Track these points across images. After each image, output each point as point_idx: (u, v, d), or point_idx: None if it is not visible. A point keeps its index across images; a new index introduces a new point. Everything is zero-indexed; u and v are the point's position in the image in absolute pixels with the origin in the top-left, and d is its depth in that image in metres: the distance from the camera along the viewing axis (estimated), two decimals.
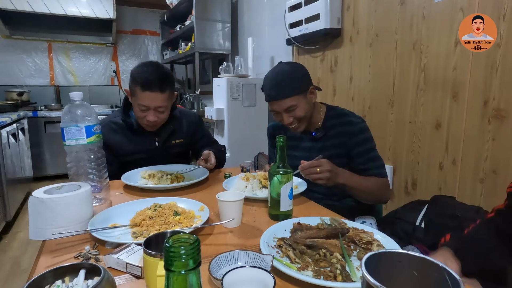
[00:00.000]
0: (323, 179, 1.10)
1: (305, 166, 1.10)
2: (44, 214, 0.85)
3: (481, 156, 1.50)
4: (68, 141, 1.05)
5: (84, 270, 0.58)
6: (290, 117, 1.28)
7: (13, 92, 4.17)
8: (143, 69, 1.39)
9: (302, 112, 1.27)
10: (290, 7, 2.53)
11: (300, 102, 1.26)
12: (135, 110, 1.45)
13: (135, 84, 1.38)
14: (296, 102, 1.25)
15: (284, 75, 1.25)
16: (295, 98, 1.25)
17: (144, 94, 1.36)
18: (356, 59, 2.17)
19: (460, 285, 0.38)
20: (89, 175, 1.10)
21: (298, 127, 1.32)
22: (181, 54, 4.10)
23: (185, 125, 1.64)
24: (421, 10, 1.71)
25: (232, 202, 0.93)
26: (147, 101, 1.37)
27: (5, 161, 2.73)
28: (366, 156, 1.29)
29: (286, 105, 1.25)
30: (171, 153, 1.59)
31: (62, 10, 4.17)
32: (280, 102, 1.26)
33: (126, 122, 1.51)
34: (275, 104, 1.28)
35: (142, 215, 0.93)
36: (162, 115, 1.44)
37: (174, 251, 0.34)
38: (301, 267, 0.70)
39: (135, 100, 1.41)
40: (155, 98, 1.38)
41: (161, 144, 1.56)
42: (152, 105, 1.38)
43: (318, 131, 1.35)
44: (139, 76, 1.37)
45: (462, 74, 1.55)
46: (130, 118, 1.54)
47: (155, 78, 1.36)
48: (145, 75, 1.36)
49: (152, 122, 1.42)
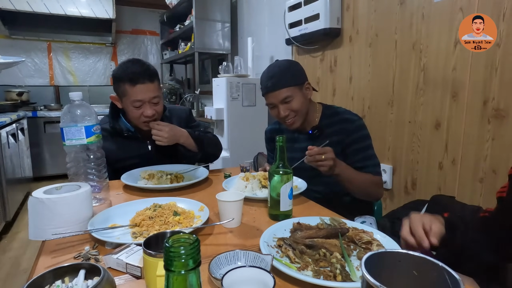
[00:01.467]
0: (326, 166, 1.13)
1: (312, 152, 1.12)
2: (44, 214, 0.85)
3: (481, 156, 1.50)
4: (67, 141, 1.05)
5: (84, 270, 0.58)
6: (286, 109, 1.30)
7: (13, 92, 4.17)
8: (126, 66, 1.38)
9: (298, 104, 1.30)
10: (289, 7, 2.53)
11: (296, 95, 1.30)
12: (130, 111, 1.41)
13: (122, 83, 1.36)
14: (292, 93, 1.29)
15: (281, 68, 1.31)
16: (291, 89, 1.29)
17: (135, 89, 1.34)
18: (356, 59, 2.17)
19: (460, 284, 0.38)
20: (89, 175, 1.10)
21: (294, 122, 1.33)
22: (180, 54, 4.10)
23: (175, 122, 1.58)
24: (420, 10, 1.71)
25: (232, 202, 0.93)
26: (140, 95, 1.35)
27: (5, 161, 2.73)
28: (363, 154, 1.31)
29: (282, 96, 1.28)
30: (165, 154, 1.55)
31: (61, 10, 4.17)
32: (276, 93, 1.29)
33: (115, 129, 1.48)
34: (271, 96, 1.30)
35: (141, 215, 0.93)
36: (157, 107, 1.43)
37: (174, 251, 0.34)
38: (301, 267, 0.70)
39: (128, 99, 1.38)
40: (147, 89, 1.36)
41: (154, 147, 1.52)
42: (147, 97, 1.37)
43: (315, 129, 1.36)
44: (124, 74, 1.36)
45: (462, 74, 1.55)
46: (119, 123, 1.50)
47: (141, 70, 1.35)
48: (130, 70, 1.35)
49: (151, 116, 1.40)
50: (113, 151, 1.45)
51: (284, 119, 1.33)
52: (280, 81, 1.28)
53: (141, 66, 1.37)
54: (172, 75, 5.18)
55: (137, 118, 1.42)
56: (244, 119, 2.98)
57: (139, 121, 1.43)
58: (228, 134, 2.95)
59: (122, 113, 1.52)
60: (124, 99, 1.40)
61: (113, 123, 1.48)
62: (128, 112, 1.44)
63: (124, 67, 1.38)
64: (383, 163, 1.98)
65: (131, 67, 1.37)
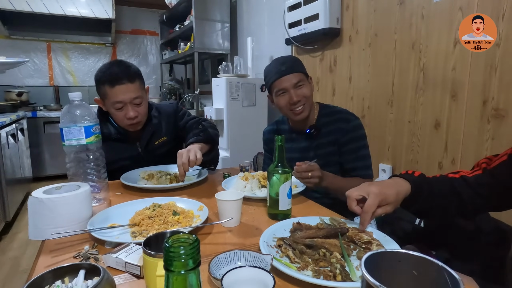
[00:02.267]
0: (311, 183, 1.17)
1: (300, 169, 1.15)
2: (44, 214, 0.85)
3: (480, 156, 1.50)
4: (67, 141, 1.05)
5: (84, 270, 0.58)
6: (298, 95, 1.32)
7: (12, 92, 4.17)
8: (105, 67, 1.36)
9: (308, 91, 1.34)
10: (289, 7, 2.53)
11: (306, 83, 1.35)
12: (113, 113, 1.39)
13: (102, 85, 1.34)
14: (303, 79, 1.34)
15: (290, 57, 1.39)
16: (303, 75, 1.34)
17: (115, 90, 1.32)
18: (355, 59, 2.17)
19: (459, 284, 0.38)
20: (88, 175, 1.10)
21: (303, 110, 1.34)
22: (180, 54, 4.10)
23: (164, 121, 1.57)
24: (420, 10, 1.71)
25: (231, 201, 0.93)
26: (120, 96, 1.33)
27: (5, 162, 2.73)
28: (355, 155, 1.32)
29: (296, 79, 1.32)
30: (157, 154, 1.53)
31: (61, 10, 4.17)
32: (290, 76, 1.31)
33: (103, 133, 1.44)
34: (285, 80, 1.32)
35: (141, 215, 0.93)
36: (140, 108, 1.39)
37: (173, 251, 0.34)
38: (301, 266, 0.70)
39: (109, 101, 1.36)
40: (127, 90, 1.33)
41: (143, 148, 1.51)
42: (127, 98, 1.34)
43: (312, 128, 1.37)
44: (103, 75, 1.34)
45: (461, 74, 1.55)
46: (108, 127, 1.47)
47: (120, 71, 1.33)
48: (108, 71, 1.34)
49: (133, 118, 1.37)
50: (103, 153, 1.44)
51: (295, 105, 1.33)
52: (294, 66, 1.33)
53: (120, 67, 1.35)
54: (171, 75, 5.18)
55: (121, 120, 1.40)
56: (243, 119, 2.98)
57: (123, 123, 1.41)
58: (228, 134, 2.95)
59: (110, 115, 1.49)
60: (106, 101, 1.38)
61: (101, 127, 1.46)
62: (112, 114, 1.42)
63: (104, 69, 1.36)
64: (382, 162, 1.98)
65: (110, 68, 1.35)
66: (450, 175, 0.90)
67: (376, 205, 0.81)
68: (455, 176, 0.89)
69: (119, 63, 1.39)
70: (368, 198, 0.81)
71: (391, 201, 0.82)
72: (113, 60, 1.45)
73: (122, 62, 1.40)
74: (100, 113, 1.47)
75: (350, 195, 0.84)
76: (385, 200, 0.81)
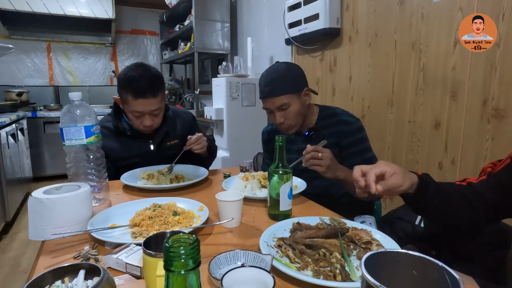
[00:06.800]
0: (323, 166, 1.10)
1: (309, 149, 1.10)
2: (44, 215, 0.85)
3: (480, 156, 1.50)
4: (67, 141, 1.05)
5: (84, 270, 0.58)
6: (282, 116, 1.29)
7: (12, 92, 4.17)
8: (133, 76, 1.33)
9: (294, 112, 1.28)
10: (289, 7, 2.53)
11: (293, 102, 1.27)
12: (129, 117, 1.43)
13: (125, 92, 1.34)
14: (289, 101, 1.26)
15: (279, 74, 1.27)
16: (289, 96, 1.26)
17: (137, 102, 1.34)
18: (355, 58, 2.17)
19: (459, 284, 0.38)
20: (89, 175, 1.10)
21: (289, 128, 1.33)
22: (180, 54, 4.10)
23: (179, 125, 1.61)
24: (420, 10, 1.71)
25: (231, 202, 0.93)
26: (141, 108, 1.35)
27: (4, 162, 2.73)
28: (362, 157, 1.29)
29: (279, 103, 1.26)
30: (166, 155, 1.55)
31: (61, 10, 4.17)
32: (273, 100, 1.27)
33: (118, 128, 1.48)
34: (268, 102, 1.29)
35: (141, 215, 0.93)
36: (157, 118, 1.43)
37: (173, 251, 0.34)
38: (301, 266, 0.70)
39: (128, 107, 1.38)
40: (149, 103, 1.35)
41: (156, 147, 1.53)
42: (147, 110, 1.36)
43: (311, 130, 1.35)
44: (129, 84, 1.33)
45: (461, 74, 1.55)
46: (122, 122, 1.49)
47: (146, 85, 1.32)
48: (136, 83, 1.32)
49: (148, 126, 1.41)
50: (116, 149, 1.47)
51: (280, 125, 1.32)
52: (278, 88, 1.25)
53: (146, 79, 1.33)
54: (171, 75, 5.19)
55: (136, 126, 1.44)
56: (243, 119, 2.98)
57: (138, 128, 1.45)
58: (228, 134, 2.95)
59: (125, 113, 1.52)
60: (125, 106, 1.40)
61: (116, 122, 1.49)
62: (128, 116, 1.45)
63: (130, 77, 1.33)
64: None
65: (137, 80, 1.32)
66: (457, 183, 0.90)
67: (379, 168, 0.78)
68: (462, 183, 0.89)
69: (145, 72, 1.35)
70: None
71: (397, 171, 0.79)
72: (139, 64, 1.39)
73: (148, 72, 1.36)
74: (115, 108, 1.50)
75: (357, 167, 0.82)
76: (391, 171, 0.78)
